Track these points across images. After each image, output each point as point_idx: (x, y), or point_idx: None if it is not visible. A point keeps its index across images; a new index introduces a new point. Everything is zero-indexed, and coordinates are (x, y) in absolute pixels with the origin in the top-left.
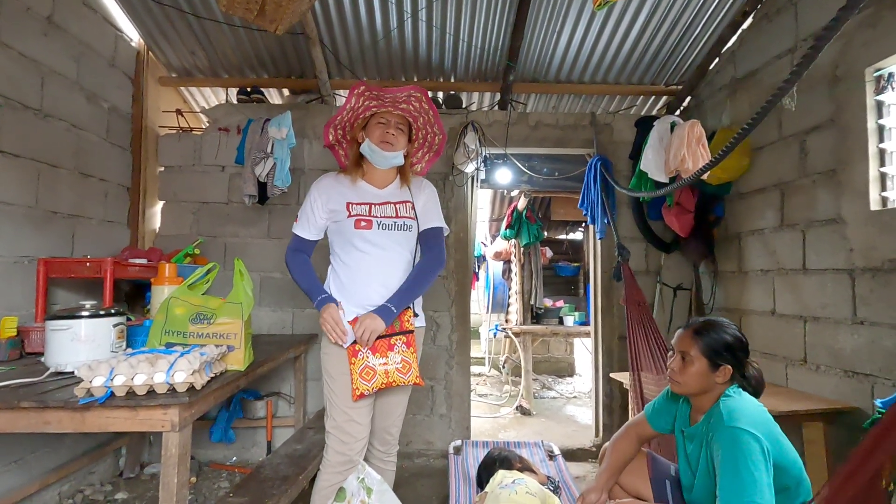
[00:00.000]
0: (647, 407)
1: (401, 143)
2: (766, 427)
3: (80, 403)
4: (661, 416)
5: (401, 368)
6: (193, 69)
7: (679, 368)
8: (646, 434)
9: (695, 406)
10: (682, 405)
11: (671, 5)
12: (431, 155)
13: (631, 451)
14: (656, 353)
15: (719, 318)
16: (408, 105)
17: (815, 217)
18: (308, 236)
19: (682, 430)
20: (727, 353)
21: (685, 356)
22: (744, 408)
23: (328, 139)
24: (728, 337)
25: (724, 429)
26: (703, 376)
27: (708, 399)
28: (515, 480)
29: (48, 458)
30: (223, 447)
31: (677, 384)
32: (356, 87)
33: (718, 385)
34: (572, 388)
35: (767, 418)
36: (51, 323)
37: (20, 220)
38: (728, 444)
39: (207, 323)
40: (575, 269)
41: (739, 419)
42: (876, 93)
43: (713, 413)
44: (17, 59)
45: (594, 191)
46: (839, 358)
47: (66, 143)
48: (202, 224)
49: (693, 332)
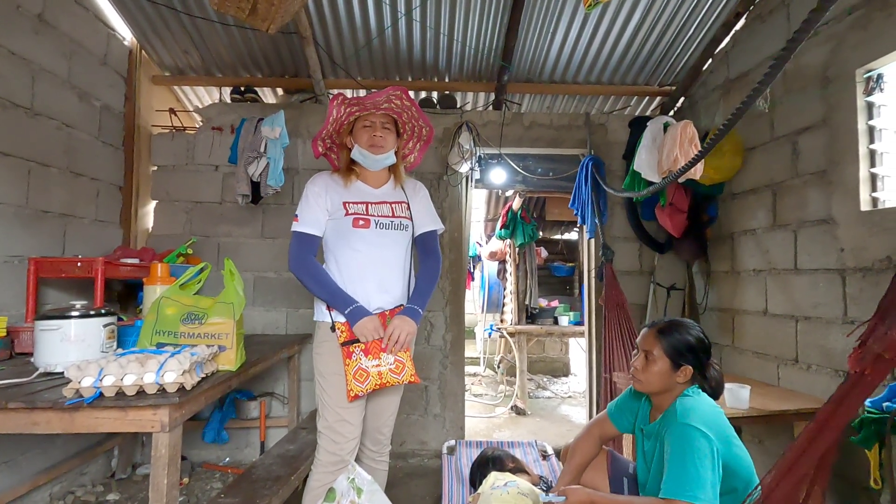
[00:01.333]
0: (609, 405)
1: (389, 142)
2: (718, 428)
3: (68, 404)
4: (624, 415)
5: (394, 369)
6: (186, 68)
7: (642, 367)
8: (608, 433)
9: (655, 405)
10: (644, 404)
11: (664, 6)
12: (422, 144)
13: (592, 451)
14: (630, 353)
15: (684, 319)
16: (389, 105)
17: (806, 217)
18: (314, 231)
19: (641, 428)
20: (689, 354)
21: (648, 355)
22: (699, 408)
23: (318, 151)
24: (691, 338)
25: (676, 425)
26: (664, 375)
27: (668, 398)
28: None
29: (39, 458)
30: (216, 448)
31: (639, 382)
32: (335, 98)
33: (679, 385)
34: (567, 387)
35: (721, 420)
36: (40, 323)
37: (10, 220)
38: (678, 439)
39: (199, 323)
40: (570, 269)
41: (693, 417)
42: (866, 94)
43: (669, 411)
44: (7, 57)
45: (585, 191)
46: (830, 357)
47: (57, 141)
48: (195, 224)
49: (657, 332)
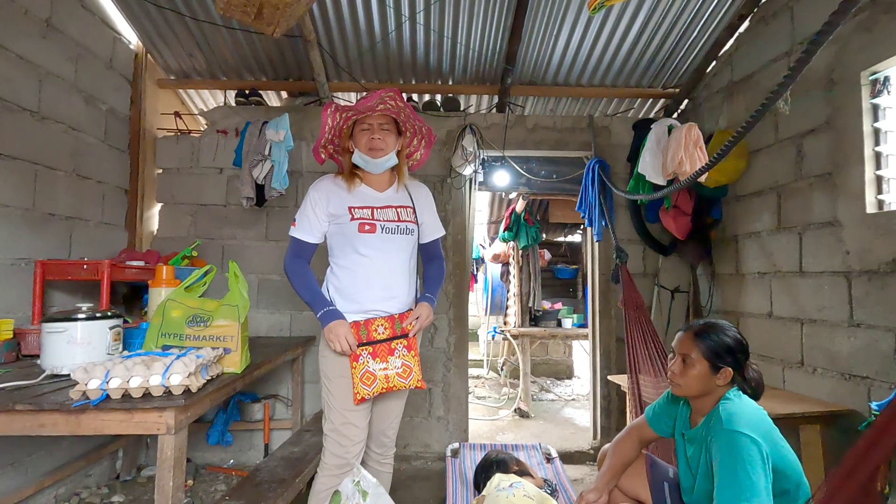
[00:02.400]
0: (647, 409)
1: (389, 143)
2: (765, 431)
3: (74, 406)
4: (662, 419)
5: (401, 373)
6: (191, 71)
7: (680, 371)
8: (647, 437)
9: (695, 408)
10: (683, 408)
11: (668, 8)
12: (426, 141)
13: (632, 454)
14: (654, 356)
15: (719, 321)
16: (384, 106)
17: (811, 220)
18: (309, 239)
19: (682, 432)
20: (728, 356)
21: (686, 359)
22: (743, 411)
23: (321, 159)
24: (729, 339)
25: (723, 432)
26: (703, 379)
27: (708, 402)
28: (513, 484)
29: (44, 460)
30: (220, 450)
31: (678, 387)
32: (327, 107)
33: (719, 388)
34: (571, 390)
35: (767, 422)
36: (47, 325)
37: (17, 222)
38: (727, 447)
39: (204, 325)
40: (573, 271)
41: (739, 422)
42: (872, 96)
43: (713, 416)
44: (14, 62)
45: (592, 193)
46: (836, 360)
47: (63, 145)
48: (200, 226)
49: (694, 335)
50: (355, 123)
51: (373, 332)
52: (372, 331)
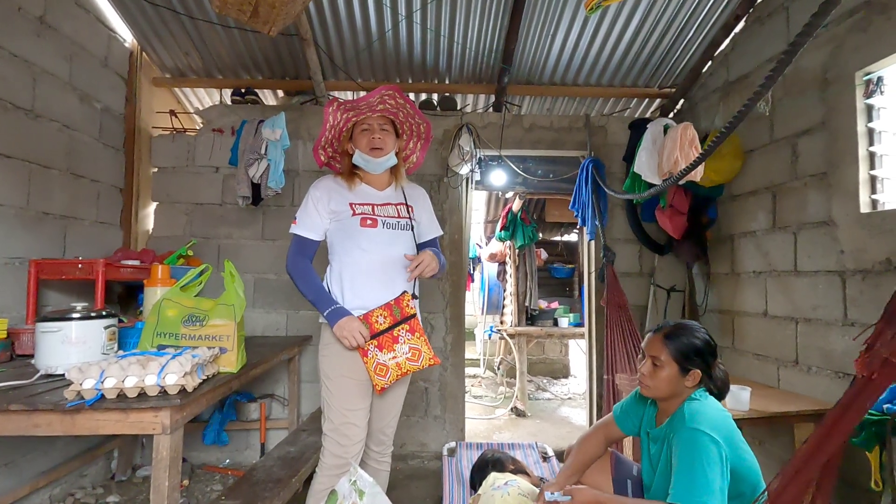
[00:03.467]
0: (615, 408)
1: (389, 143)
2: (726, 432)
3: (69, 406)
4: (629, 418)
5: (411, 357)
6: (187, 70)
7: (649, 373)
8: (613, 435)
9: (661, 408)
10: (650, 407)
11: (664, 8)
12: (423, 142)
13: (597, 451)
14: (633, 354)
15: (688, 322)
16: (384, 105)
17: (806, 219)
18: (311, 235)
19: (647, 431)
20: (697, 358)
21: (655, 361)
22: (706, 411)
23: (321, 161)
24: (698, 342)
25: (684, 429)
26: (672, 381)
27: (675, 402)
28: (508, 482)
29: (39, 460)
30: (216, 449)
31: (647, 388)
32: (329, 104)
33: (687, 389)
34: (567, 389)
35: (730, 424)
36: (41, 325)
37: (11, 221)
38: (686, 444)
39: (200, 325)
40: (570, 270)
41: (701, 422)
42: (866, 96)
43: (676, 415)
44: (8, 60)
45: (585, 193)
46: (830, 359)
47: (58, 143)
48: (195, 225)
49: (664, 337)
50: (355, 126)
51: (374, 324)
52: (373, 323)
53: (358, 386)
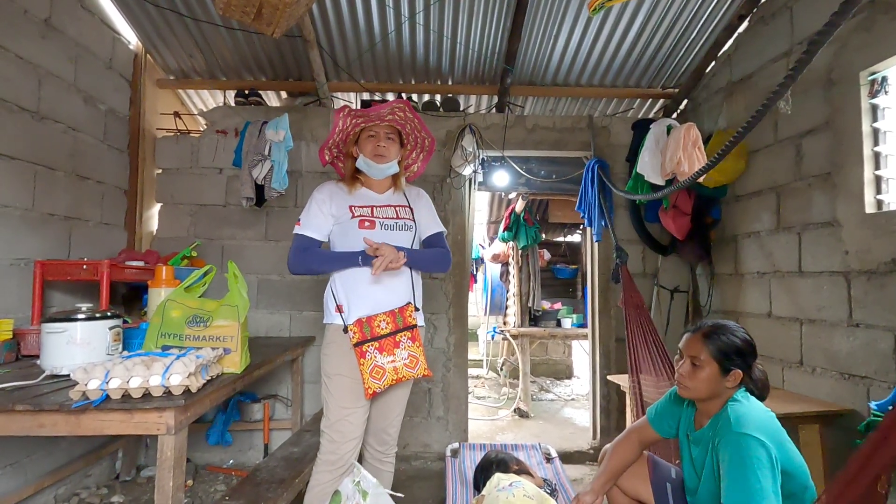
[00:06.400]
0: (649, 410)
1: (393, 152)
2: (774, 433)
3: (74, 406)
4: (665, 420)
5: (408, 363)
6: (191, 71)
7: (688, 373)
8: (648, 438)
9: (701, 410)
10: (687, 409)
11: (668, 9)
12: (425, 154)
13: (632, 456)
14: (655, 355)
15: (727, 321)
16: (393, 116)
17: (810, 220)
18: (315, 236)
19: (686, 433)
20: (738, 358)
21: (695, 361)
22: (752, 413)
23: (325, 160)
24: (738, 340)
25: (731, 434)
26: (713, 381)
27: (715, 403)
28: (513, 483)
29: (44, 461)
30: (220, 450)
31: (686, 389)
32: (341, 110)
33: (727, 389)
34: (570, 390)
35: (775, 424)
36: (46, 325)
37: (16, 223)
38: (735, 449)
39: (204, 325)
40: (573, 271)
41: (747, 425)
42: (870, 96)
43: (720, 417)
44: (13, 61)
45: (591, 193)
46: (835, 360)
47: (62, 145)
48: (199, 226)
49: (703, 336)
50: (362, 131)
51: (375, 327)
52: (375, 326)
53: (355, 385)
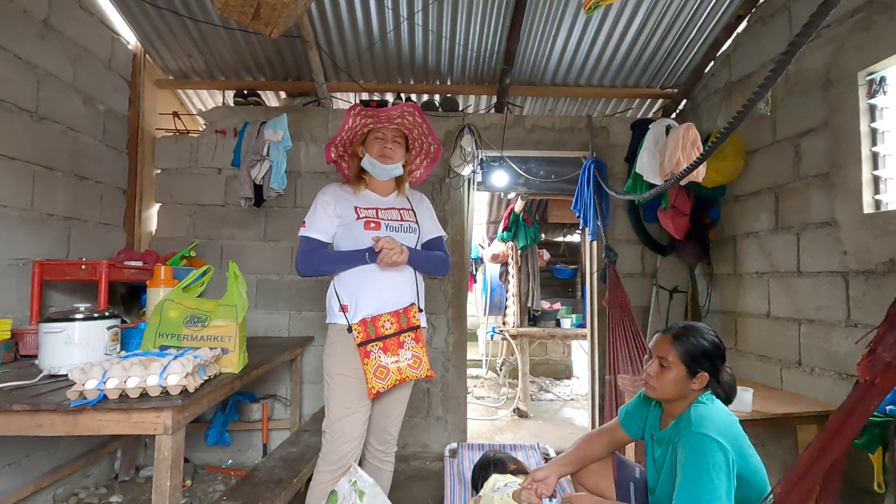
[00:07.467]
0: (620, 411)
1: (398, 154)
2: (733, 437)
3: (72, 406)
4: (634, 420)
5: (412, 364)
6: (190, 72)
7: (656, 374)
8: (618, 439)
9: (666, 411)
10: (654, 409)
11: (666, 9)
12: (429, 161)
13: (598, 452)
14: (635, 355)
15: (698, 324)
16: (402, 120)
17: (809, 220)
18: (320, 237)
19: (651, 433)
20: (705, 361)
21: (663, 361)
22: (714, 415)
23: (330, 157)
24: (707, 344)
25: (691, 434)
26: (679, 383)
27: (681, 405)
28: (507, 484)
29: (43, 460)
30: (219, 450)
31: (653, 389)
32: (352, 108)
33: (693, 391)
34: (570, 390)
35: (736, 429)
36: (44, 325)
37: (15, 223)
38: (692, 449)
39: (202, 325)
40: (572, 271)
41: (708, 426)
42: (869, 96)
43: (683, 418)
44: (12, 62)
45: (587, 193)
46: (833, 360)
47: (61, 145)
48: (198, 226)
49: (672, 338)
50: (370, 132)
51: (380, 328)
52: (379, 327)
53: (358, 385)
